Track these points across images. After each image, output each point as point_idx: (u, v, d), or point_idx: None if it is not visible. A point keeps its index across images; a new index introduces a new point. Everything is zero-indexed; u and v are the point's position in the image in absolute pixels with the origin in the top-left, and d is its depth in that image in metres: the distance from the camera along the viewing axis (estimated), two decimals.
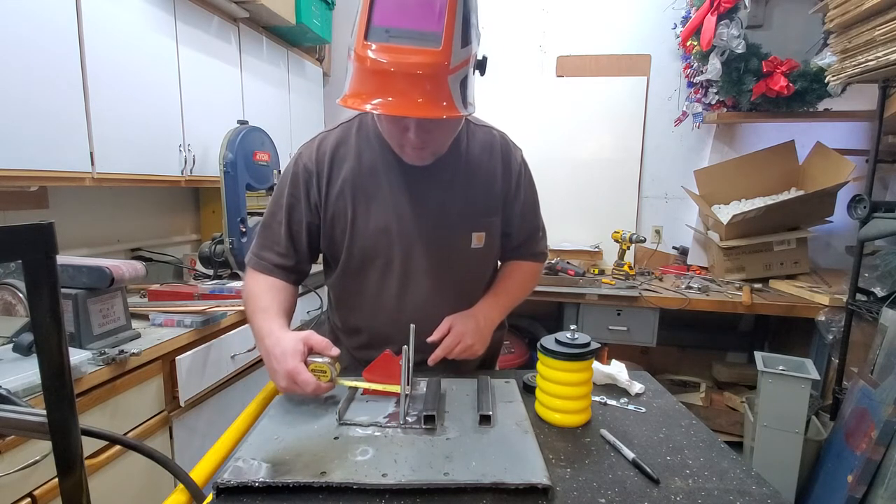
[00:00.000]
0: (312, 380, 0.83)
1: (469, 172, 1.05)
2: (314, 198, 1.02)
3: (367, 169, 1.01)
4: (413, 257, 1.03)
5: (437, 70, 0.78)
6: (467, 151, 1.06)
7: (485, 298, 1.11)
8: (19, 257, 0.41)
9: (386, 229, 1.01)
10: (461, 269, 1.07)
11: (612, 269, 2.56)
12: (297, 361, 0.84)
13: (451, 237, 1.05)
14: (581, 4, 2.84)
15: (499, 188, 1.08)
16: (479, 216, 1.06)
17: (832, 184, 2.25)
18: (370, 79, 0.79)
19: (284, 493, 0.64)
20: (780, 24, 2.62)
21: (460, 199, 1.04)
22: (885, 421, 1.52)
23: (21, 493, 1.02)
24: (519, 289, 1.17)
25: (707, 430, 0.85)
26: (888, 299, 1.76)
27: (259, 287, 1.03)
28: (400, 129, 0.90)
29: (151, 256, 2.13)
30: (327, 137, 1.04)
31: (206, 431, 1.60)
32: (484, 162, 1.07)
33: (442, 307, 1.04)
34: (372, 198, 1.01)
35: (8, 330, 1.25)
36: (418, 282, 1.04)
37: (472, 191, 1.05)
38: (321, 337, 0.88)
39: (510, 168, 1.09)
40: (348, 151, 1.02)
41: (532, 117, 2.87)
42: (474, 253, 1.07)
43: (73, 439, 0.45)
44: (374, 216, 1.01)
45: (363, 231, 1.01)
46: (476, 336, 1.02)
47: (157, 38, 1.76)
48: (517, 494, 0.64)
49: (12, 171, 1.29)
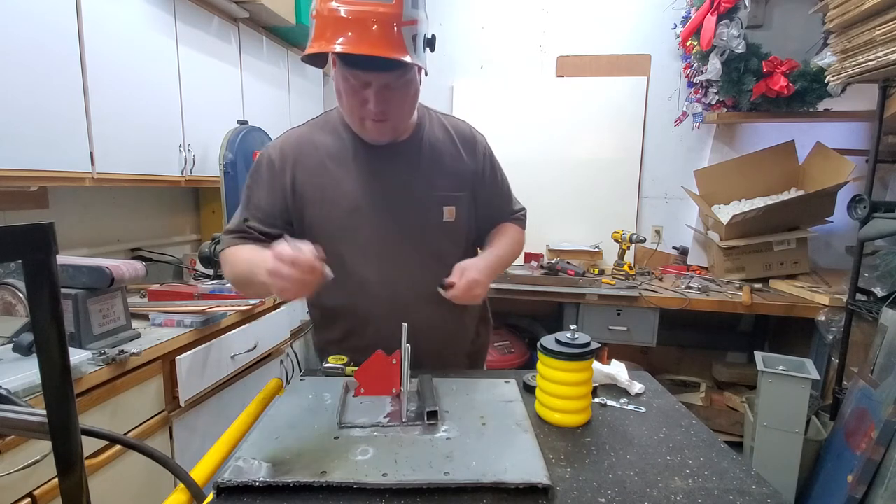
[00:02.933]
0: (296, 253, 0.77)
1: (432, 151, 1.11)
2: (279, 184, 1.06)
3: (335, 154, 1.07)
4: (388, 233, 1.06)
5: (390, 18, 0.86)
6: (430, 134, 1.12)
7: (482, 256, 1.13)
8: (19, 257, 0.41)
9: (357, 208, 1.05)
10: (435, 241, 1.10)
11: (612, 269, 2.56)
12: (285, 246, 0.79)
13: (422, 211, 1.09)
14: (581, 4, 2.84)
15: (466, 166, 1.14)
16: (448, 190, 1.11)
17: (832, 184, 2.25)
18: (329, 28, 0.87)
19: (285, 493, 0.64)
20: (780, 24, 2.62)
21: (426, 176, 1.09)
22: (885, 421, 1.52)
23: (21, 493, 1.02)
24: (507, 248, 1.19)
25: (707, 430, 0.85)
26: (888, 299, 1.76)
27: (233, 250, 1.04)
28: (360, 100, 0.96)
29: (151, 256, 2.13)
30: (293, 132, 1.11)
31: (206, 431, 1.60)
32: (447, 143, 1.13)
33: (421, 280, 1.07)
34: (340, 180, 1.06)
35: (8, 330, 1.25)
36: (395, 257, 1.07)
37: (437, 168, 1.10)
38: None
39: (475, 149, 1.16)
40: (315, 141, 1.08)
41: (532, 117, 2.87)
42: (447, 226, 1.11)
43: (73, 439, 0.45)
44: (343, 197, 1.05)
45: (335, 213, 1.05)
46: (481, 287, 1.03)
47: (157, 38, 1.76)
48: (517, 494, 0.64)
49: (12, 171, 1.29)
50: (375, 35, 0.86)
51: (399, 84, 0.95)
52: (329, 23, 0.87)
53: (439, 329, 1.12)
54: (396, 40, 0.88)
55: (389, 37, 0.87)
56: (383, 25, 0.86)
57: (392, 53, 0.87)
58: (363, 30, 0.86)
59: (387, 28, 0.87)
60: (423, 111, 1.14)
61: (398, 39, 0.88)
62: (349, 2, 0.86)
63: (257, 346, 1.84)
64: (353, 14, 0.85)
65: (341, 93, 0.98)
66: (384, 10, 0.86)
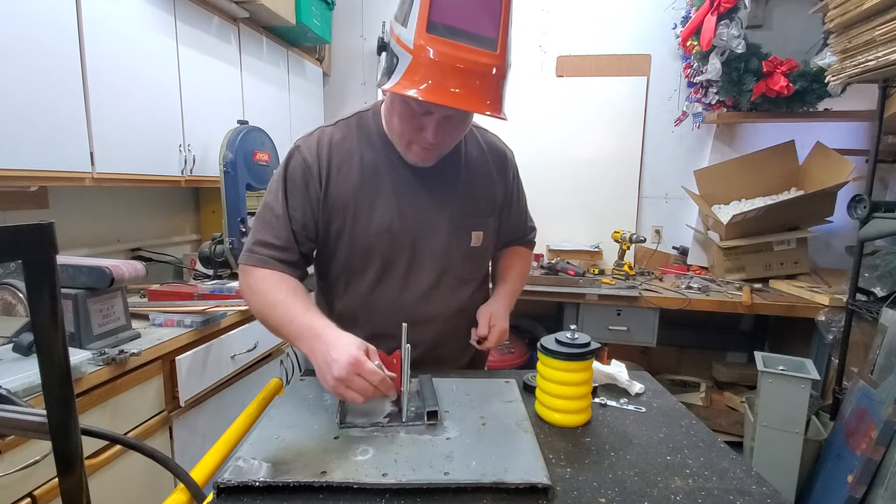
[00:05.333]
0: (378, 371, 0.76)
1: (469, 174, 1.07)
2: (314, 192, 0.99)
3: (370, 168, 1.01)
4: (415, 256, 1.03)
5: (497, 72, 0.82)
6: (466, 153, 1.08)
7: (499, 290, 1.17)
8: (19, 257, 0.41)
9: (389, 228, 1.01)
10: (460, 266, 1.08)
11: (612, 269, 2.56)
12: (360, 352, 0.77)
13: (452, 237, 1.05)
14: (581, 4, 2.84)
15: (497, 190, 1.12)
16: (479, 216, 1.09)
17: (832, 184, 2.25)
18: (430, 71, 0.80)
19: (285, 493, 0.64)
20: (780, 24, 2.62)
21: (461, 200, 1.06)
22: (885, 421, 1.52)
23: (21, 493, 1.02)
24: (521, 276, 1.23)
25: (707, 430, 0.85)
26: (888, 299, 1.76)
27: (270, 281, 0.94)
28: (416, 126, 0.92)
29: (151, 256, 2.13)
30: (326, 133, 1.02)
31: (206, 431, 1.60)
32: (482, 164, 1.10)
33: (439, 303, 1.06)
34: (374, 197, 1.01)
35: (8, 330, 1.25)
36: (418, 280, 1.05)
37: (472, 191, 1.07)
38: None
39: (505, 170, 1.14)
40: (349, 149, 1.01)
41: (532, 117, 2.87)
42: (473, 251, 1.09)
43: (73, 439, 0.45)
44: (376, 215, 1.00)
45: (365, 230, 1.01)
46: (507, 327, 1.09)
47: (157, 38, 1.76)
48: (517, 494, 0.64)
49: (12, 171, 1.29)
50: (478, 91, 0.81)
51: (461, 116, 0.91)
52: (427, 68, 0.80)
53: (448, 341, 1.11)
54: (495, 97, 0.84)
55: (491, 94, 0.83)
56: (486, 80, 0.81)
57: (485, 108, 0.82)
58: (467, 82, 0.80)
59: (489, 83, 0.82)
60: None
61: (497, 95, 0.84)
62: (455, 46, 0.79)
63: (257, 346, 1.84)
64: (464, 63, 0.79)
65: (395, 113, 0.93)
66: (491, 62, 0.80)
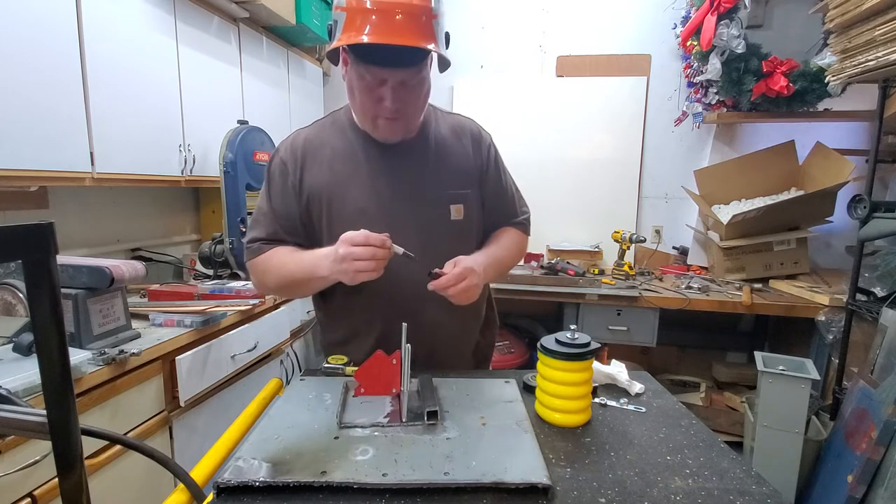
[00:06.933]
0: (362, 231, 0.89)
1: (439, 150, 1.11)
2: (292, 185, 1.06)
3: (342, 156, 1.07)
4: (396, 234, 1.03)
5: (419, 10, 0.88)
6: (437, 133, 1.12)
7: (480, 252, 1.10)
8: (19, 257, 0.41)
9: (364, 210, 1.05)
10: (444, 241, 1.08)
11: (612, 269, 2.56)
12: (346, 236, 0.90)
13: (430, 211, 1.08)
14: (581, 4, 2.85)
15: (472, 164, 1.14)
16: (455, 188, 1.11)
17: (832, 184, 2.25)
18: (366, 18, 0.87)
19: (285, 493, 0.64)
20: (780, 24, 2.62)
21: (433, 174, 1.09)
22: (885, 421, 1.52)
23: (21, 493, 1.02)
24: (507, 251, 1.17)
25: (707, 430, 0.85)
26: (888, 299, 1.76)
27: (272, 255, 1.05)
28: (375, 98, 0.96)
29: (151, 256, 2.12)
30: (301, 133, 1.11)
31: (206, 431, 1.60)
32: (454, 141, 1.14)
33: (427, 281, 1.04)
34: (348, 183, 1.06)
35: (8, 330, 1.25)
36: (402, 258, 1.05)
37: (444, 165, 1.10)
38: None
39: (480, 146, 1.16)
40: (322, 141, 1.09)
41: (532, 117, 2.87)
42: (455, 225, 1.11)
43: (73, 439, 0.45)
44: (351, 198, 1.05)
45: (341, 213, 1.05)
46: (476, 280, 0.98)
47: (157, 38, 1.76)
48: (517, 494, 0.64)
49: (12, 171, 1.29)
50: (403, 25, 0.87)
51: (414, 81, 0.96)
52: (357, 14, 0.88)
53: (444, 331, 1.11)
54: (424, 30, 0.89)
55: (417, 27, 0.88)
56: (412, 16, 0.87)
57: (422, 42, 0.88)
58: (391, 20, 0.87)
59: (415, 19, 0.88)
60: (430, 110, 1.13)
61: (427, 29, 0.89)
62: None
63: (257, 346, 1.84)
64: (382, 5, 0.86)
65: (355, 91, 0.98)
66: (419, 2, 0.88)
